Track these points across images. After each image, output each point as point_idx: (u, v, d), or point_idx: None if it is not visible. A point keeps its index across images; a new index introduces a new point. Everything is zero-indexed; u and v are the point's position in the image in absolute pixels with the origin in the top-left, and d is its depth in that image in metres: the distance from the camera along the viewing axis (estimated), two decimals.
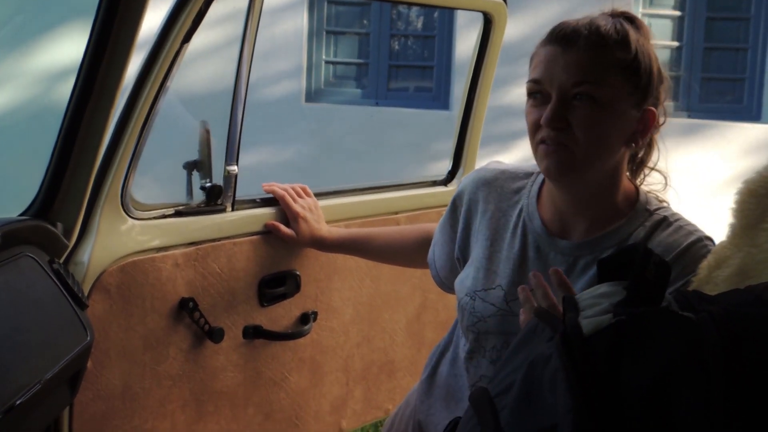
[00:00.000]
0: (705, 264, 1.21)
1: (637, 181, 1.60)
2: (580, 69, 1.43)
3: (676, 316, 0.78)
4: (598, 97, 1.43)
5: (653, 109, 1.49)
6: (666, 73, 1.53)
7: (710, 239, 1.46)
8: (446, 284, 1.80)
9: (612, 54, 1.44)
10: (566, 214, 1.55)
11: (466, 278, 1.64)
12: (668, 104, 1.56)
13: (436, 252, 1.80)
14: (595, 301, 0.84)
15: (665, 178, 1.60)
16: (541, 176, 1.62)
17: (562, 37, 1.46)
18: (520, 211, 1.60)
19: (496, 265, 1.60)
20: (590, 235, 1.52)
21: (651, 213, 1.52)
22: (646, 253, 0.85)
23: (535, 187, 1.61)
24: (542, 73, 1.47)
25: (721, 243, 1.21)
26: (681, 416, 0.72)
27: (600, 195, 1.52)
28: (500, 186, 1.65)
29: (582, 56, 1.43)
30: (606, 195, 1.53)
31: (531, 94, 1.49)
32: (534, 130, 1.49)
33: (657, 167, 1.60)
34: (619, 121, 1.47)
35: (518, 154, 6.10)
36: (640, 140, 1.51)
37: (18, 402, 1.28)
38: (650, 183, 1.61)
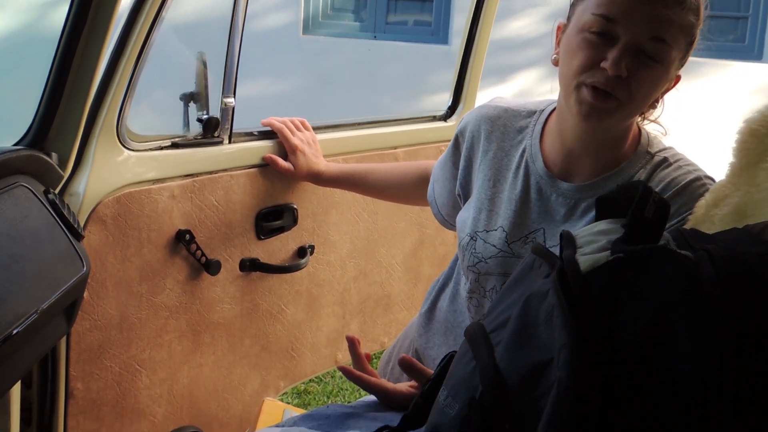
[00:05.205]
0: (703, 202, 1.21)
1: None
2: (661, 25, 1.36)
3: (673, 254, 0.78)
4: (665, 58, 1.38)
5: (680, 74, 1.47)
6: None
7: (710, 178, 1.46)
8: (448, 221, 1.80)
9: (686, 17, 1.39)
10: (573, 154, 1.52)
11: (467, 218, 1.63)
12: None
13: (436, 189, 1.79)
14: (593, 238, 0.84)
15: (664, 129, 1.59)
16: (545, 115, 1.59)
17: None
18: (523, 151, 1.58)
19: (498, 206, 1.58)
20: (593, 177, 1.51)
21: (652, 155, 1.51)
22: (645, 191, 0.84)
23: (539, 127, 1.59)
24: (619, 13, 1.37)
25: (720, 182, 1.21)
26: (677, 353, 0.72)
27: (613, 139, 1.50)
28: (503, 125, 1.62)
29: (666, 12, 1.36)
30: (618, 139, 1.50)
31: (591, 28, 1.39)
32: (586, 68, 1.39)
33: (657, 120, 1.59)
34: (665, 83, 1.44)
35: (515, 88, 6.05)
36: (661, 99, 1.50)
37: (15, 331, 1.29)
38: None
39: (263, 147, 2.02)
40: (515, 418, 0.77)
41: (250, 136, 2.02)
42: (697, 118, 5.96)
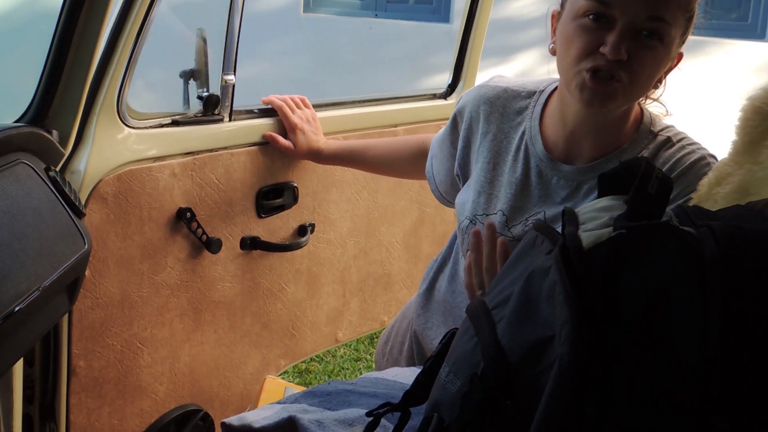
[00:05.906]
0: (705, 181, 1.20)
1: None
2: (658, 3, 1.33)
3: (676, 230, 0.78)
4: (665, 37, 1.36)
5: (682, 52, 1.46)
6: None
7: (714, 157, 1.44)
8: (446, 198, 1.79)
9: None
10: (575, 136, 1.50)
11: (466, 201, 1.61)
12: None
13: (434, 166, 1.78)
14: (595, 214, 0.84)
15: (666, 109, 1.58)
16: (545, 95, 1.57)
17: None
18: (523, 133, 1.56)
19: (498, 190, 1.57)
20: (595, 159, 1.49)
21: (655, 135, 1.49)
22: (648, 167, 0.84)
23: (538, 108, 1.56)
24: None
25: (723, 160, 1.20)
26: (678, 329, 0.72)
27: (616, 120, 1.48)
28: (502, 105, 1.60)
29: None
30: (621, 120, 1.49)
31: (588, 13, 1.36)
32: (585, 55, 1.37)
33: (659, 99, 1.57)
34: (667, 62, 1.42)
35: (515, 68, 6.03)
36: (664, 78, 1.49)
37: (17, 308, 1.29)
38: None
39: (263, 125, 2.01)
40: (517, 394, 0.78)
41: (250, 113, 2.02)
42: (700, 98, 5.94)
